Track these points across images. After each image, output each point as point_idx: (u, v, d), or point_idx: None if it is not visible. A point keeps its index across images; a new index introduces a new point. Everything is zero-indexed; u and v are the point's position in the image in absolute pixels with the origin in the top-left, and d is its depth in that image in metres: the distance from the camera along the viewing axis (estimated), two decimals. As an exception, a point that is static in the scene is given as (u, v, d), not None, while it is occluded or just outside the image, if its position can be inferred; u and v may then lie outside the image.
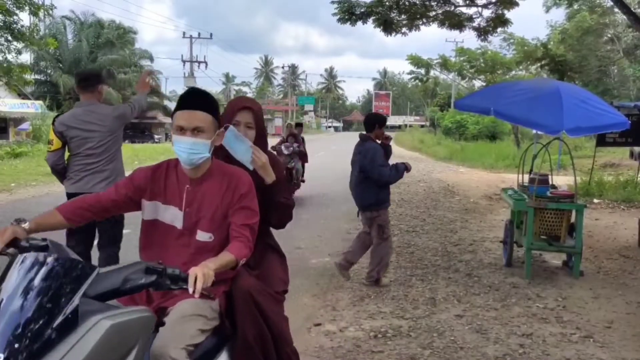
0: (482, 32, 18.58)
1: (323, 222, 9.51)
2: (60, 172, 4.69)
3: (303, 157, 12.35)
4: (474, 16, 18.18)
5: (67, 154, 4.67)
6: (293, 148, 11.81)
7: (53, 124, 4.61)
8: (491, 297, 5.54)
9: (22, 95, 38.40)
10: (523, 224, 6.71)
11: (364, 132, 5.89)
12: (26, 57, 40.84)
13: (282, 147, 11.59)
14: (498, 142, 34.19)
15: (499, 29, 19.44)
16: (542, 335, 4.54)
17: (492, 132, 39.11)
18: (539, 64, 24.61)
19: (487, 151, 27.72)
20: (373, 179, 5.65)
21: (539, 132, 7.50)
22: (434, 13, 18.50)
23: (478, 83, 33.10)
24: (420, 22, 19.00)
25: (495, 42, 29.83)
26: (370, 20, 18.18)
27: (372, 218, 5.79)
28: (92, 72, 4.87)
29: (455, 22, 18.30)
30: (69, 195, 4.61)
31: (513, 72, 29.59)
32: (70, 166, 4.63)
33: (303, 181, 12.20)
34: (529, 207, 6.24)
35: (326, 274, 6.27)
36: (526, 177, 7.21)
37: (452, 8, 18.15)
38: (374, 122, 5.86)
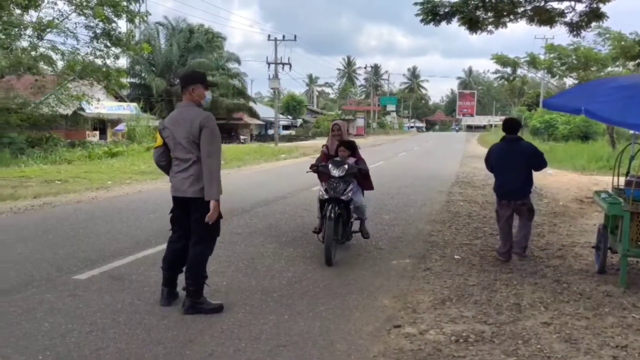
0: (575, 28, 17.71)
1: (404, 223, 9.41)
2: (164, 168, 4.93)
3: (365, 178, 7.27)
4: (566, 11, 17.39)
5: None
6: (348, 166, 6.86)
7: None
8: (582, 306, 5.27)
9: (119, 98, 40.61)
10: (618, 229, 6.33)
11: (511, 135, 6.98)
12: (122, 62, 43.26)
13: (330, 166, 6.84)
14: (591, 143, 32.54)
15: (593, 24, 18.48)
16: (638, 348, 4.27)
17: (585, 132, 37.33)
18: (637, 61, 23.15)
19: (578, 152, 26.46)
20: (538, 169, 6.96)
21: (638, 132, 7.03)
22: (522, 9, 17.86)
23: (569, 81, 31.59)
24: (507, 19, 18.40)
25: (588, 37, 28.39)
26: (455, 20, 17.78)
27: (525, 204, 6.94)
28: (185, 74, 4.97)
29: (545, 17, 17.56)
30: (172, 198, 4.83)
31: (609, 69, 28.00)
32: (172, 166, 4.85)
33: (354, 232, 7.30)
34: (625, 211, 5.89)
35: (406, 276, 6.20)
36: (622, 180, 6.80)
37: (542, 3, 17.45)
38: (520, 125, 7.25)
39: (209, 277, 4.96)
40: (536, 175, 19.12)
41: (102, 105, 35.03)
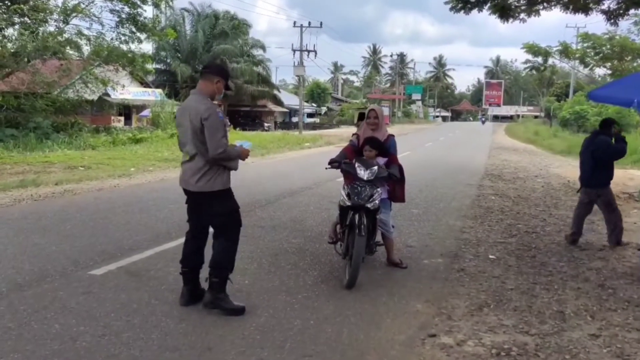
0: (612, 16, 17.01)
1: (434, 218, 9.01)
2: None
3: (398, 184, 5.99)
4: (603, -3, 16.69)
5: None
6: (378, 168, 5.55)
7: None
8: (631, 315, 4.86)
9: (144, 84, 40.62)
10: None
11: (598, 129, 7.54)
12: (148, 48, 43.30)
13: (357, 166, 5.52)
14: (623, 135, 31.58)
15: (632, 11, 17.73)
16: (699, 367, 3.86)
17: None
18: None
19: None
20: (609, 159, 7.30)
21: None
22: (556, -4, 17.21)
23: (601, 71, 30.67)
24: (541, 7, 17.76)
25: (623, 26, 27.39)
26: (486, 8, 17.17)
27: (599, 195, 7.34)
28: (219, 65, 5.07)
29: (581, 5, 16.88)
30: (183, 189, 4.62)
31: (643, 60, 27.09)
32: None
33: (378, 245, 5.97)
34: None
35: (439, 277, 5.82)
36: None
37: (578, -11, 16.78)
38: (611, 124, 7.52)
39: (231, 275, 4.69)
40: (569, 169, 18.49)
41: (127, 91, 35.01)
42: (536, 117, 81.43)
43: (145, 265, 5.74)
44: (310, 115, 66.85)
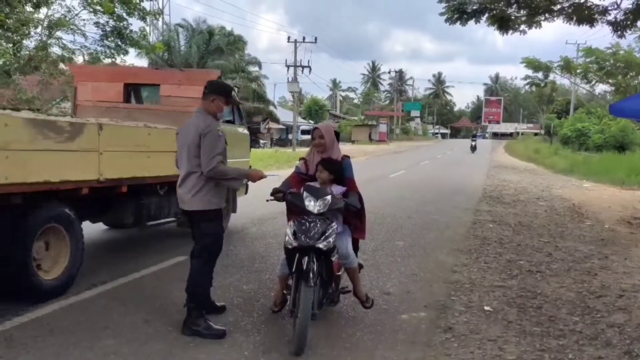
0: (619, 27, 15.97)
1: (422, 253, 7.73)
2: None
3: (355, 218, 4.79)
4: (609, 8, 15.68)
5: None
6: (332, 197, 4.42)
7: None
8: (673, 403, 3.61)
9: (137, 100, 39.47)
10: None
11: None
12: (143, 63, 42.28)
13: (305, 195, 4.42)
14: (627, 154, 30.49)
15: (639, 23, 16.74)
16: None
17: (621, 143, 35.25)
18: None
19: (615, 164, 24.53)
20: None
21: None
22: (559, 7, 16.25)
23: (602, 88, 29.71)
24: (542, 18, 16.80)
25: (624, 42, 26.23)
26: (484, 19, 16.20)
27: None
28: (213, 81, 4.90)
29: (586, 15, 15.88)
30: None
31: (646, 75, 26.13)
32: None
33: (343, 292, 4.97)
34: None
35: (419, 341, 4.52)
36: None
37: (583, 0, 15.83)
38: None
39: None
40: (572, 190, 17.31)
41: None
42: (536, 134, 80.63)
43: (59, 319, 4.42)
44: (306, 132, 65.87)
